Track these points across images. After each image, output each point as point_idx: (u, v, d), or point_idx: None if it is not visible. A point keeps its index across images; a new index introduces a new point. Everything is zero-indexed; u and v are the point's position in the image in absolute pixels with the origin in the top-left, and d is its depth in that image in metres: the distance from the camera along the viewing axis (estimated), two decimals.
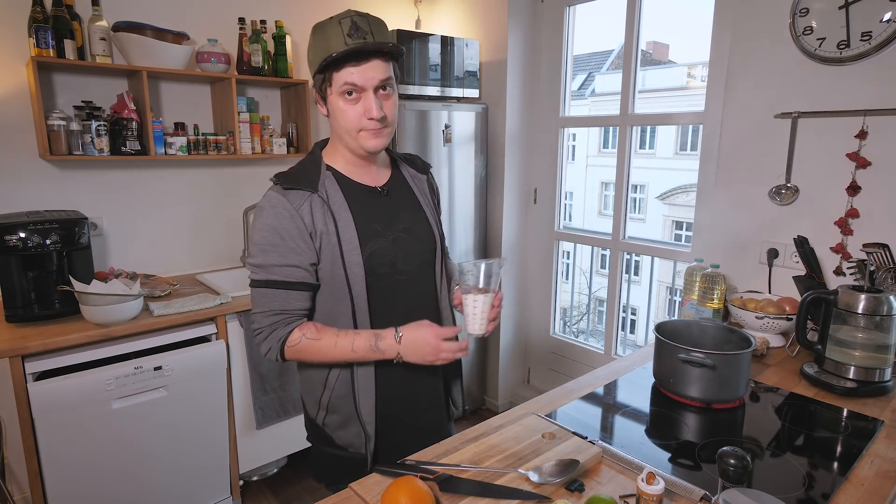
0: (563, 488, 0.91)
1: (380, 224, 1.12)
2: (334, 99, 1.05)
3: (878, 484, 0.95)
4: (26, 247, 1.73)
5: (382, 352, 1.05)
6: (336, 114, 1.07)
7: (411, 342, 1.04)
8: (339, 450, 1.17)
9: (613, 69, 12.42)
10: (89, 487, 1.76)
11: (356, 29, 1.00)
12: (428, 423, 1.23)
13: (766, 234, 1.92)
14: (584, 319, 7.50)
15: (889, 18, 1.56)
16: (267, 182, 2.65)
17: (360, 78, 1.02)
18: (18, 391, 1.62)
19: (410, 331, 1.05)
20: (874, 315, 1.30)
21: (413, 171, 1.25)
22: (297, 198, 1.06)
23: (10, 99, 1.98)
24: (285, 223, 1.04)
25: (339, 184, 1.11)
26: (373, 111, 1.03)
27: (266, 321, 1.06)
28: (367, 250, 1.08)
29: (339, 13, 1.03)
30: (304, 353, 1.07)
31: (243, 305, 2.01)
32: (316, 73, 1.05)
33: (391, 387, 1.15)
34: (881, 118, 1.63)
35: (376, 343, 1.05)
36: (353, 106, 1.05)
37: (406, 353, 1.05)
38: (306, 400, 1.21)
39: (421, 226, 1.18)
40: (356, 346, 1.05)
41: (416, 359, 1.05)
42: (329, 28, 1.02)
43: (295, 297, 1.07)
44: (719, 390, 1.22)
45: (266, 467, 2.35)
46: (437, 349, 1.04)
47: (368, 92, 1.04)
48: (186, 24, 2.31)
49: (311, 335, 1.06)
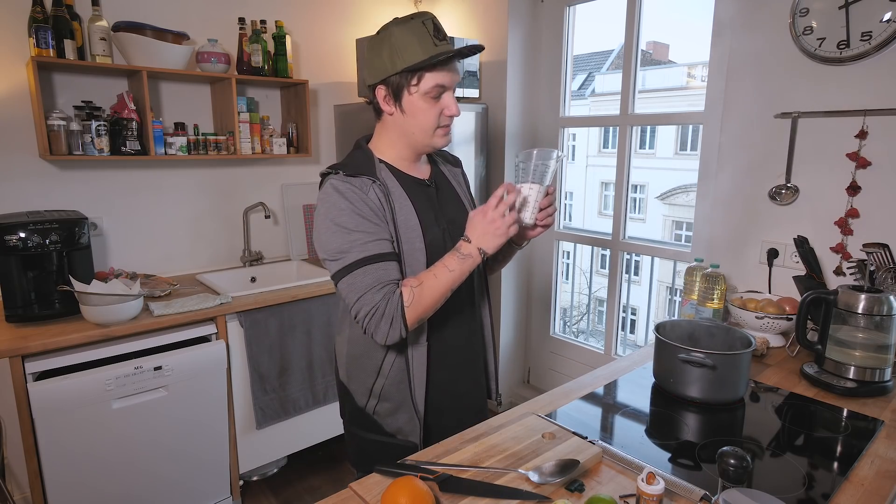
0: (563, 488, 0.91)
1: (432, 214, 1.16)
2: (416, 99, 1.08)
3: (879, 484, 0.95)
4: (26, 247, 1.73)
5: (469, 255, 1.04)
6: (416, 113, 1.09)
7: (476, 231, 1.03)
8: (388, 437, 1.18)
9: (613, 69, 12.42)
10: (89, 487, 1.76)
11: (438, 30, 1.05)
12: (472, 407, 1.27)
13: (766, 234, 1.92)
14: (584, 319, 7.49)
15: (889, 18, 1.56)
16: (267, 182, 2.67)
17: (450, 80, 1.08)
18: (18, 391, 1.62)
19: (469, 226, 1.05)
20: (874, 315, 1.30)
21: (448, 165, 1.30)
22: (361, 184, 1.09)
23: (10, 99, 1.98)
24: (360, 203, 1.06)
25: (394, 175, 1.15)
26: (453, 108, 1.10)
27: (377, 297, 1.03)
28: (428, 237, 1.12)
29: (416, 14, 1.05)
30: (420, 303, 1.04)
31: (243, 305, 2.01)
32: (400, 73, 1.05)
33: (440, 371, 1.19)
34: (881, 118, 1.63)
35: (460, 252, 1.04)
36: (434, 105, 1.09)
37: (480, 241, 1.03)
38: (354, 389, 1.21)
39: (463, 217, 1.20)
40: (449, 265, 1.04)
41: (489, 237, 1.02)
42: (412, 29, 1.04)
43: (393, 268, 1.06)
44: (719, 390, 1.22)
45: (266, 467, 2.35)
46: (493, 216, 1.01)
47: (450, 92, 1.10)
48: (186, 24, 2.31)
49: (415, 284, 1.04)
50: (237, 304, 2.02)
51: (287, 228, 2.73)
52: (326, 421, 2.35)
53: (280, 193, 2.72)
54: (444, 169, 1.28)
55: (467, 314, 1.23)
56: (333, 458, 2.55)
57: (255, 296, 2.10)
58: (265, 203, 2.52)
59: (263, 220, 2.67)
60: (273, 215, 2.68)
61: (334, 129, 2.83)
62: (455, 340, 1.21)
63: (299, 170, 2.77)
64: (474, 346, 1.27)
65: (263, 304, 2.06)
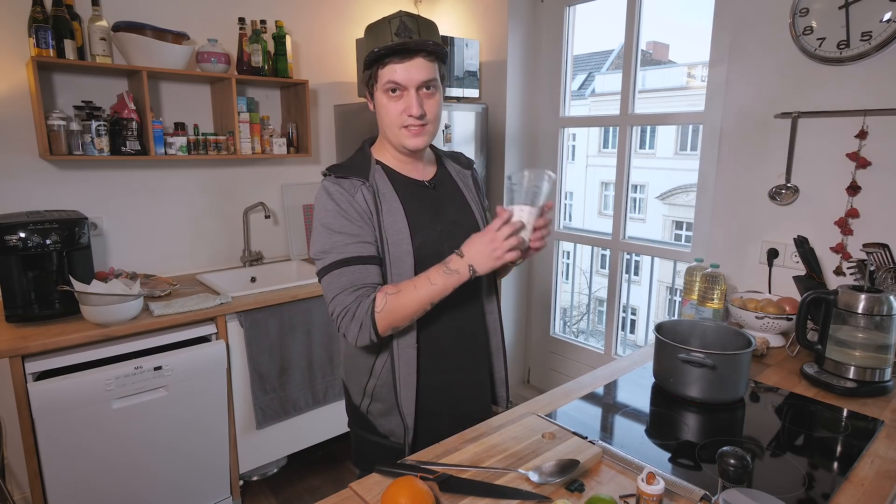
0: (563, 488, 0.91)
1: (428, 216, 1.15)
2: (379, 95, 1.10)
3: (879, 484, 0.95)
4: (26, 247, 1.73)
5: (456, 271, 1.03)
6: (380, 110, 1.11)
7: (474, 252, 1.03)
8: (381, 438, 1.19)
9: (613, 69, 12.42)
10: (89, 487, 1.76)
11: (404, 28, 1.04)
12: (472, 413, 1.23)
13: (766, 234, 1.92)
14: (584, 319, 7.50)
15: (889, 18, 1.56)
16: (267, 182, 2.67)
17: (403, 76, 1.05)
18: (18, 391, 1.62)
19: (468, 244, 1.04)
20: (874, 315, 1.30)
21: (457, 167, 1.29)
22: (350, 186, 1.10)
23: (10, 99, 1.98)
24: (347, 206, 1.08)
25: (388, 176, 1.15)
26: (413, 108, 1.07)
27: (349, 298, 1.05)
28: (417, 240, 1.11)
29: (392, 13, 1.07)
30: (393, 311, 1.05)
31: (243, 305, 2.01)
32: (364, 69, 1.09)
33: (434, 376, 1.17)
34: (881, 118, 1.63)
35: (447, 267, 1.04)
36: (395, 103, 1.08)
37: (474, 260, 1.02)
38: (351, 387, 1.23)
39: (467, 219, 1.21)
40: (432, 278, 1.04)
41: (485, 259, 1.02)
42: (379, 26, 1.06)
43: (371, 272, 1.08)
44: (719, 390, 1.22)
45: (266, 467, 2.35)
46: (495, 238, 1.00)
47: (410, 90, 1.07)
48: (186, 24, 2.31)
49: (392, 291, 1.05)
50: (237, 304, 2.02)
51: (287, 228, 2.73)
52: (326, 421, 2.35)
53: (280, 193, 2.72)
54: (452, 170, 1.27)
55: (469, 318, 1.21)
56: (333, 458, 2.55)
57: (255, 296, 2.10)
58: (265, 203, 2.52)
59: (263, 220, 2.67)
60: (273, 215, 2.68)
61: (334, 129, 2.83)
62: (452, 344, 1.19)
63: (299, 170, 2.77)
64: (475, 351, 1.24)
65: (263, 304, 2.06)
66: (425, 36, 1.06)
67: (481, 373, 1.27)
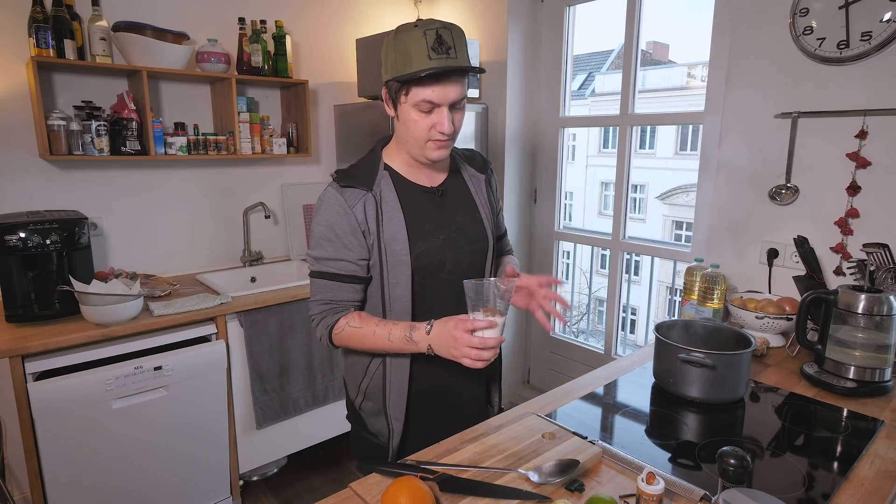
0: (563, 488, 0.91)
1: (432, 224, 1.14)
2: (407, 108, 1.05)
3: (879, 484, 0.95)
4: (26, 247, 1.73)
5: (415, 342, 1.04)
6: (407, 123, 1.06)
7: (438, 334, 1.01)
8: (372, 436, 1.22)
9: (613, 69, 12.42)
10: (89, 487, 1.76)
11: (440, 43, 0.99)
12: (464, 419, 1.22)
13: (766, 234, 1.92)
14: (584, 319, 7.49)
15: (889, 18, 1.56)
16: (267, 182, 2.67)
17: (439, 96, 1.02)
18: (18, 391, 1.62)
19: (441, 322, 1.01)
20: (874, 315, 1.29)
21: (472, 170, 1.26)
22: (352, 196, 1.10)
23: (10, 99, 1.98)
24: (339, 220, 1.09)
25: (395, 183, 1.14)
26: (444, 126, 1.04)
27: (318, 309, 1.13)
28: (416, 250, 1.11)
29: (423, 21, 1.00)
30: (348, 340, 1.12)
31: (243, 305, 2.01)
32: (391, 79, 1.04)
33: (427, 381, 1.18)
34: (881, 118, 1.63)
35: (410, 334, 1.04)
36: (425, 117, 1.04)
37: (435, 344, 1.01)
38: (348, 382, 1.26)
39: (474, 226, 1.20)
40: (392, 335, 1.06)
41: (445, 348, 0.99)
42: (412, 38, 0.99)
43: (344, 289, 1.12)
44: (719, 390, 1.22)
45: (266, 467, 2.35)
46: (458, 341, 0.95)
47: (444, 108, 1.04)
48: (186, 24, 2.31)
49: (354, 324, 1.10)
50: (237, 304, 2.02)
51: (287, 228, 2.73)
52: (326, 421, 2.35)
53: (280, 193, 2.72)
54: (465, 174, 1.24)
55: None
56: (333, 458, 2.55)
57: (254, 296, 2.10)
58: (265, 203, 2.52)
59: (263, 220, 2.67)
60: (273, 215, 2.68)
61: (334, 129, 2.83)
62: None
63: (299, 170, 2.77)
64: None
65: (263, 304, 2.06)
66: (460, 50, 1.01)
67: (475, 379, 1.27)
